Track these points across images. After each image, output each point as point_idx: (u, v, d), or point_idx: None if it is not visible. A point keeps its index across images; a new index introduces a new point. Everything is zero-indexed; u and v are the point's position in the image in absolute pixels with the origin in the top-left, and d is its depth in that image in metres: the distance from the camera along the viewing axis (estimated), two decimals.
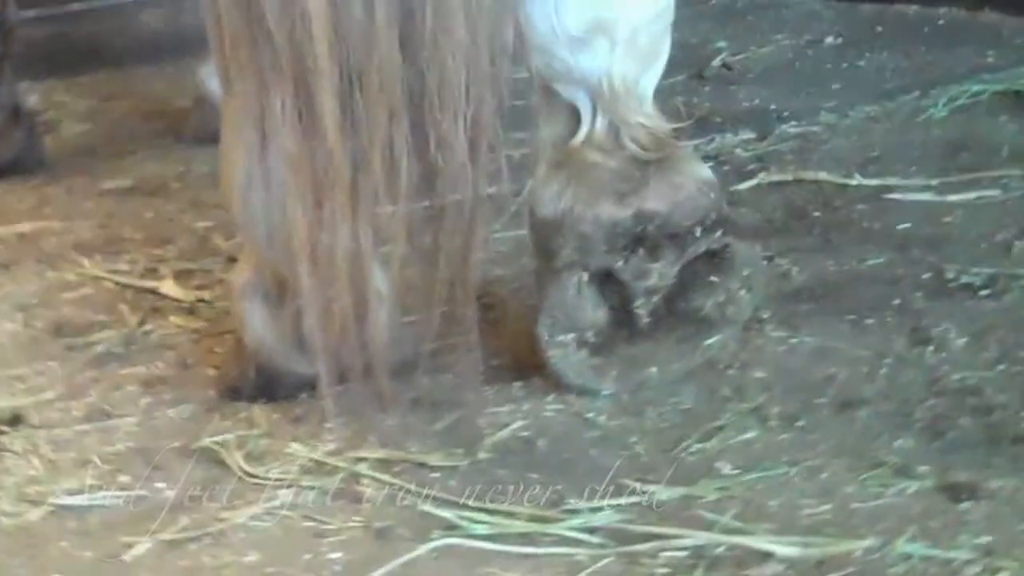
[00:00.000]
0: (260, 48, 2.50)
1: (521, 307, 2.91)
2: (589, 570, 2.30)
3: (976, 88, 4.00)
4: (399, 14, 2.46)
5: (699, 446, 2.59)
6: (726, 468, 2.52)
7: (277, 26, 2.47)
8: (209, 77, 4.22)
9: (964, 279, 3.03)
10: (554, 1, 2.75)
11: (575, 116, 2.83)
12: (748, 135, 3.92)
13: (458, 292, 2.63)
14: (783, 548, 2.30)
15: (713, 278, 2.82)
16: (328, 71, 2.46)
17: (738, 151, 3.84)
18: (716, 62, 4.61)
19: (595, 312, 2.78)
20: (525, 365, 2.82)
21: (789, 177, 3.64)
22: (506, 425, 2.69)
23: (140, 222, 3.84)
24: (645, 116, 2.82)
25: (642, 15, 2.80)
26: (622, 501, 2.44)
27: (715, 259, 2.82)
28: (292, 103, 2.51)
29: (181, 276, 3.43)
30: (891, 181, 3.54)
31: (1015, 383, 2.66)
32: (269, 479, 2.60)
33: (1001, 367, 2.72)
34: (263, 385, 2.85)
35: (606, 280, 2.78)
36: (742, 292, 2.84)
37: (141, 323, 3.22)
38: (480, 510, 2.45)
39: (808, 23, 4.82)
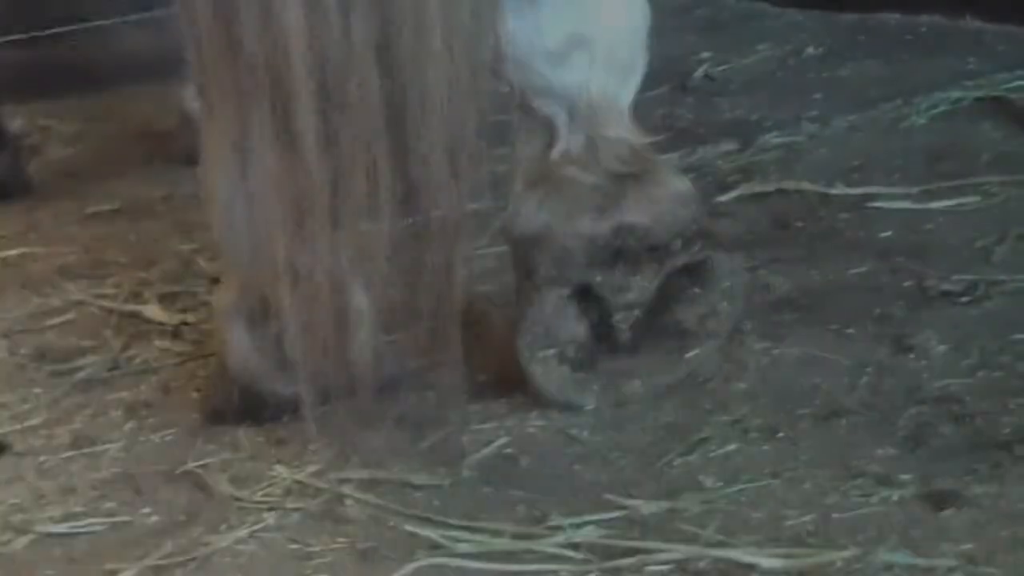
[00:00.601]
0: (239, 69, 2.51)
1: (503, 323, 2.91)
2: None
3: (957, 95, 4.00)
4: (377, 33, 2.47)
5: (682, 459, 2.59)
6: (709, 481, 2.53)
7: (255, 47, 2.47)
8: (193, 98, 4.22)
9: (945, 286, 3.04)
10: (532, 16, 2.76)
11: (553, 131, 2.83)
12: (730, 146, 3.92)
13: (440, 309, 2.64)
14: (766, 560, 2.30)
15: (693, 291, 2.83)
16: (307, 91, 2.46)
17: (720, 162, 3.85)
18: (698, 73, 4.61)
19: (576, 327, 2.78)
20: (508, 381, 2.82)
21: (771, 187, 3.64)
22: (489, 442, 2.70)
23: (125, 245, 3.85)
24: (623, 130, 2.83)
25: (619, 29, 2.81)
26: (605, 516, 2.45)
27: (695, 272, 2.83)
28: (271, 123, 2.52)
29: (165, 299, 3.43)
30: (873, 189, 3.54)
31: (996, 390, 2.67)
32: (254, 502, 2.60)
33: (982, 374, 2.72)
34: (247, 407, 2.85)
35: (586, 295, 2.79)
36: (723, 304, 2.84)
37: (125, 348, 3.22)
38: (464, 528, 2.45)
39: (789, 33, 4.82)
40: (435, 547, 2.42)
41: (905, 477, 2.46)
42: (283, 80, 2.47)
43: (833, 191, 3.57)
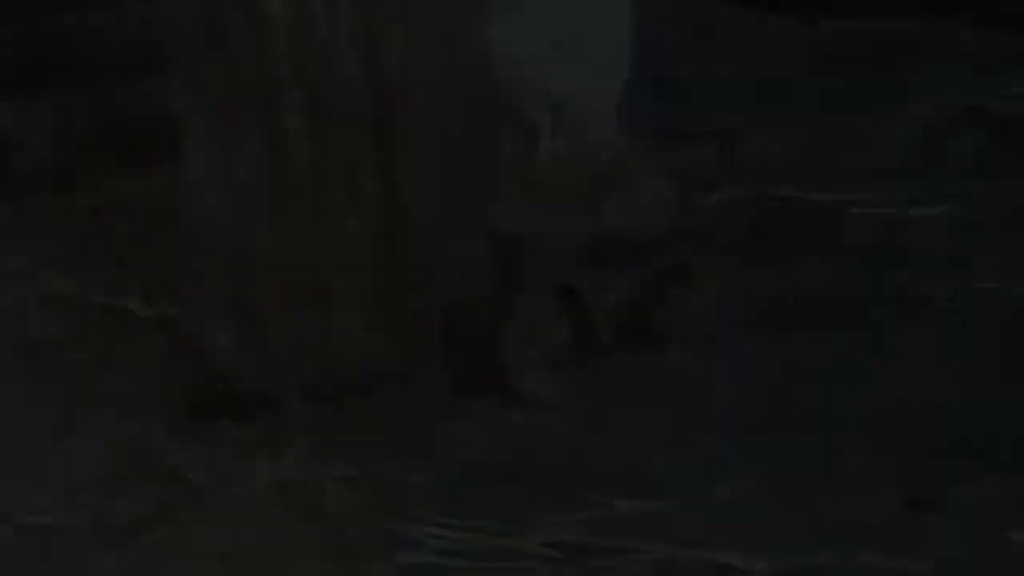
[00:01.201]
0: (224, 67, 2.52)
1: (486, 323, 2.91)
2: None
3: (940, 101, 4.01)
4: (364, 32, 2.48)
5: (663, 460, 2.60)
6: (690, 482, 2.53)
7: (241, 45, 2.48)
8: (179, 94, 4.21)
9: (926, 292, 3.05)
10: (516, 19, 2.77)
11: (537, 133, 2.84)
12: (713, 151, 3.93)
13: (423, 307, 2.65)
14: (745, 561, 2.31)
15: (675, 293, 2.84)
16: (292, 88, 2.48)
17: (702, 166, 3.85)
18: (682, 78, 4.62)
19: (558, 328, 2.79)
20: (490, 381, 2.83)
21: (754, 192, 3.65)
22: (471, 440, 2.70)
23: (109, 240, 3.84)
24: (606, 133, 2.85)
25: (602, 33, 2.83)
26: (586, 515, 2.46)
27: (677, 274, 2.84)
28: (256, 120, 2.53)
29: (149, 294, 3.43)
30: (855, 196, 3.55)
31: (975, 396, 2.68)
32: (235, 497, 2.60)
33: (962, 380, 2.74)
34: (228, 403, 2.85)
35: (569, 296, 2.80)
36: (704, 307, 2.86)
37: (108, 342, 3.22)
38: (445, 526, 2.46)
39: (774, 39, 4.83)
40: (416, 544, 2.43)
41: (885, 482, 2.47)
42: (269, 78, 2.48)
43: (815, 196, 3.58)
